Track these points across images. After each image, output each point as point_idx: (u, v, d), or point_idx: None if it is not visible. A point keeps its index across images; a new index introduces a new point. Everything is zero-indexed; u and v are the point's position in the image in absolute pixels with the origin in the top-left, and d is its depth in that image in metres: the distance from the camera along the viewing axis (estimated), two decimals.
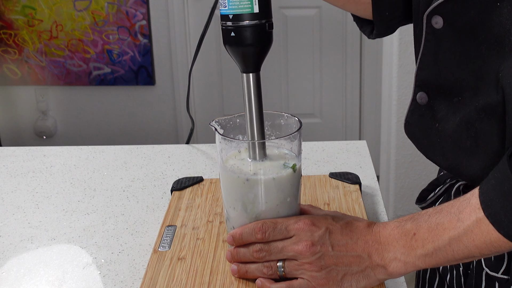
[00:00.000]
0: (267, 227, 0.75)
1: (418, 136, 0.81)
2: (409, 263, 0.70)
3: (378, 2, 0.87)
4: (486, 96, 0.69)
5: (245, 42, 0.74)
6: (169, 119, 3.20)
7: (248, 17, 0.72)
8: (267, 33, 0.74)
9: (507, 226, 0.63)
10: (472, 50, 0.69)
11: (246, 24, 0.73)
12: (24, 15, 3.02)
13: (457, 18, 0.70)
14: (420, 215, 0.71)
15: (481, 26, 0.67)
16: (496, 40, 0.66)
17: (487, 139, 0.70)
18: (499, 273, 0.78)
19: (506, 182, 0.63)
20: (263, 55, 0.76)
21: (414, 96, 0.79)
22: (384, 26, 0.90)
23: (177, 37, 3.04)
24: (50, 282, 0.82)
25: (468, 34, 0.69)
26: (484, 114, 0.69)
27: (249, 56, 0.75)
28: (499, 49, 0.66)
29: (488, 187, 0.65)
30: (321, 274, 0.72)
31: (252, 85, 0.76)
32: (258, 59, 0.75)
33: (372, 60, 3.04)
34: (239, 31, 0.73)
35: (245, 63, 0.75)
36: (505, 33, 0.65)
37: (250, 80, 0.76)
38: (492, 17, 0.66)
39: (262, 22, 0.73)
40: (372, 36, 0.93)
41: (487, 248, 0.66)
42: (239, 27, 0.73)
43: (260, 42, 0.74)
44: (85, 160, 1.20)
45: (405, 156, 2.45)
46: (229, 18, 0.73)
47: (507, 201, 0.63)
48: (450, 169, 0.79)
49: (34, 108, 3.23)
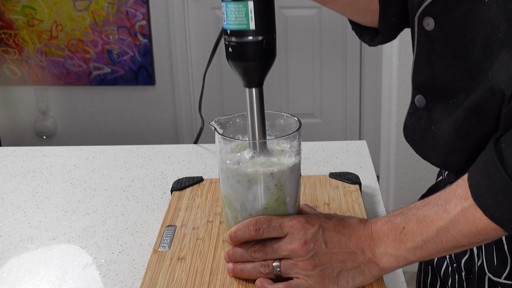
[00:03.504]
0: (261, 223, 0.75)
1: (415, 139, 0.81)
2: (400, 257, 0.71)
3: (386, 8, 0.87)
4: (474, 96, 0.69)
5: (242, 58, 0.73)
6: (169, 119, 3.20)
7: (244, 33, 0.72)
8: (264, 49, 0.72)
9: (493, 208, 0.63)
10: (462, 51, 0.70)
11: (241, 40, 0.72)
12: (24, 15, 3.02)
13: (446, 18, 0.70)
14: (409, 209, 0.72)
15: (469, 25, 0.68)
16: (482, 39, 0.67)
17: (477, 137, 0.71)
18: (502, 278, 0.78)
19: (491, 164, 0.63)
20: (263, 70, 0.74)
21: (412, 99, 0.79)
22: (388, 32, 0.90)
23: (177, 37, 3.04)
24: (50, 282, 0.82)
25: (457, 34, 0.70)
26: (471, 113, 0.70)
27: (248, 72, 0.74)
28: (485, 48, 0.67)
29: (475, 170, 0.66)
30: (316, 272, 0.72)
31: (254, 100, 0.75)
32: (258, 74, 0.74)
33: (372, 60, 3.04)
34: (236, 47, 0.73)
35: (245, 78, 0.75)
36: (492, 30, 0.65)
37: (253, 95, 0.75)
38: (479, 14, 0.66)
39: (258, 39, 0.72)
40: (373, 44, 0.93)
41: (475, 236, 0.66)
42: (236, 43, 0.72)
43: (256, 59, 0.73)
44: (85, 160, 1.20)
45: (405, 156, 2.45)
46: (227, 33, 0.73)
47: (492, 183, 0.63)
48: (447, 169, 0.79)
49: (34, 108, 3.23)
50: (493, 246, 0.78)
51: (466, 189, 0.66)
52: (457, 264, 0.85)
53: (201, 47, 3.11)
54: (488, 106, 0.68)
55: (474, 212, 0.65)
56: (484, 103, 0.68)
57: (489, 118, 0.68)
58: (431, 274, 0.93)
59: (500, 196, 0.62)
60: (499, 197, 0.62)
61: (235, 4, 0.71)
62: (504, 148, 0.63)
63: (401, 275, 0.82)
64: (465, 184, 0.66)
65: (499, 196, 0.62)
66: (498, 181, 0.62)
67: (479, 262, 0.81)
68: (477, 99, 0.68)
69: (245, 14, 0.71)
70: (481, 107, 0.68)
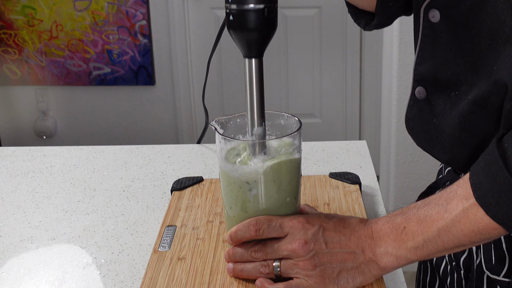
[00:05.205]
0: (261, 223, 0.75)
1: (417, 131, 0.81)
2: (401, 256, 0.71)
3: None
4: (478, 90, 0.69)
5: (243, 27, 0.71)
6: (169, 119, 3.20)
7: (245, 0, 0.70)
8: (266, 18, 0.71)
9: (495, 208, 0.63)
10: (467, 44, 0.70)
11: (243, 8, 0.70)
12: (24, 15, 3.02)
13: (453, 11, 0.70)
14: (410, 209, 0.72)
15: (475, 18, 0.68)
16: (488, 33, 0.67)
17: (481, 131, 0.71)
18: (500, 276, 0.78)
19: (494, 164, 0.63)
20: (264, 40, 0.73)
21: (413, 91, 0.79)
22: (385, 17, 0.90)
23: (177, 37, 3.04)
24: (50, 282, 0.82)
25: (463, 27, 0.70)
26: (475, 107, 0.70)
27: (248, 41, 0.73)
28: (490, 42, 0.67)
29: (477, 169, 0.66)
30: (316, 272, 0.72)
31: (253, 71, 0.74)
32: (258, 44, 0.73)
33: (372, 60, 3.04)
34: (236, 15, 0.71)
35: (245, 47, 0.73)
36: (499, 24, 0.65)
37: (252, 66, 0.74)
38: (486, 8, 0.66)
39: (259, 7, 0.71)
40: (368, 28, 0.93)
41: (476, 236, 0.66)
42: (237, 10, 0.71)
43: (258, 28, 0.71)
44: (85, 160, 1.20)
45: (405, 156, 2.45)
46: (228, 1, 0.72)
47: (494, 183, 0.63)
48: (450, 163, 0.79)
49: (34, 108, 3.23)
50: (492, 244, 0.78)
51: (467, 189, 0.66)
52: (456, 262, 0.85)
53: (201, 47, 3.11)
54: (492, 100, 0.68)
55: (475, 211, 0.65)
56: (488, 97, 0.68)
57: (492, 112, 0.68)
58: (430, 273, 0.93)
59: (502, 196, 0.62)
60: (501, 196, 0.62)
61: None
62: (507, 148, 0.63)
63: (401, 275, 0.82)
64: (466, 184, 0.66)
65: (501, 196, 0.62)
66: (501, 180, 0.62)
67: (477, 260, 0.81)
68: (481, 93, 0.68)
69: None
70: (485, 101, 0.68)
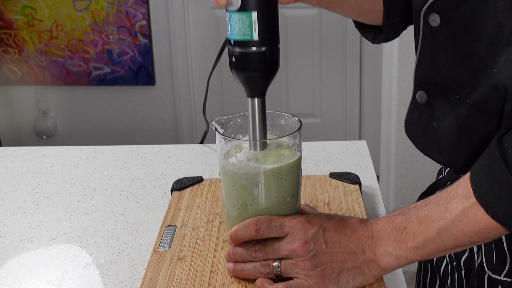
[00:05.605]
0: (261, 223, 0.75)
1: (416, 135, 0.81)
2: (401, 256, 0.71)
3: (390, 9, 0.88)
4: (478, 93, 0.69)
5: (244, 68, 0.73)
6: (169, 119, 3.20)
7: (247, 44, 0.71)
8: (268, 60, 0.72)
9: (495, 207, 0.63)
10: (467, 47, 0.70)
11: (244, 51, 0.72)
12: (24, 15, 3.02)
13: (452, 14, 0.70)
14: (410, 209, 0.72)
15: (475, 22, 0.68)
16: (488, 37, 0.67)
17: (480, 134, 0.71)
18: (501, 276, 0.78)
19: (494, 163, 0.63)
20: (265, 81, 0.74)
21: (414, 95, 0.79)
22: (392, 31, 0.91)
23: (177, 37, 3.04)
24: (50, 282, 0.82)
25: (463, 31, 0.70)
26: (474, 110, 0.70)
27: (251, 82, 0.74)
28: (490, 46, 0.67)
29: (478, 168, 0.66)
30: (316, 272, 0.72)
31: (256, 110, 0.75)
32: (260, 85, 0.74)
33: (372, 60, 3.04)
34: (239, 57, 0.73)
35: (247, 87, 0.75)
36: (499, 28, 0.66)
37: (255, 105, 0.76)
38: (486, 12, 0.67)
39: (261, 49, 0.72)
40: (376, 41, 0.94)
41: (477, 235, 0.66)
42: (239, 53, 0.72)
43: (259, 69, 0.73)
44: (85, 160, 1.20)
45: (405, 156, 2.45)
46: (231, 43, 0.73)
47: (495, 182, 0.63)
48: (449, 165, 0.79)
49: (34, 108, 3.23)
50: (493, 244, 0.78)
51: (467, 189, 0.66)
52: (457, 262, 0.85)
53: (201, 47, 3.11)
54: (491, 103, 0.68)
55: (476, 211, 0.65)
56: (488, 100, 0.68)
57: (492, 115, 0.69)
58: (431, 273, 0.93)
59: (503, 195, 0.62)
60: (502, 195, 0.62)
61: (239, 14, 0.71)
62: (507, 147, 0.63)
63: (401, 275, 0.82)
64: (466, 184, 0.66)
65: (502, 195, 0.62)
66: (501, 179, 0.62)
67: (478, 260, 0.81)
68: (481, 96, 0.69)
69: (249, 24, 0.71)
70: (484, 104, 0.68)
